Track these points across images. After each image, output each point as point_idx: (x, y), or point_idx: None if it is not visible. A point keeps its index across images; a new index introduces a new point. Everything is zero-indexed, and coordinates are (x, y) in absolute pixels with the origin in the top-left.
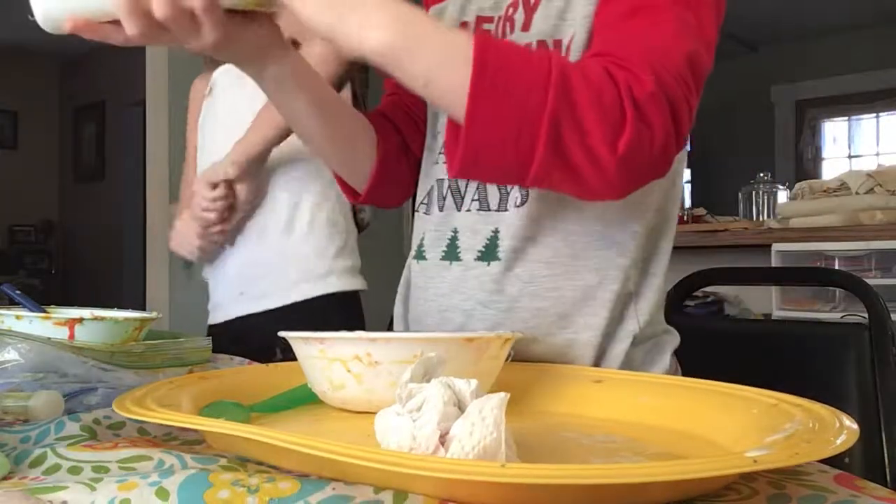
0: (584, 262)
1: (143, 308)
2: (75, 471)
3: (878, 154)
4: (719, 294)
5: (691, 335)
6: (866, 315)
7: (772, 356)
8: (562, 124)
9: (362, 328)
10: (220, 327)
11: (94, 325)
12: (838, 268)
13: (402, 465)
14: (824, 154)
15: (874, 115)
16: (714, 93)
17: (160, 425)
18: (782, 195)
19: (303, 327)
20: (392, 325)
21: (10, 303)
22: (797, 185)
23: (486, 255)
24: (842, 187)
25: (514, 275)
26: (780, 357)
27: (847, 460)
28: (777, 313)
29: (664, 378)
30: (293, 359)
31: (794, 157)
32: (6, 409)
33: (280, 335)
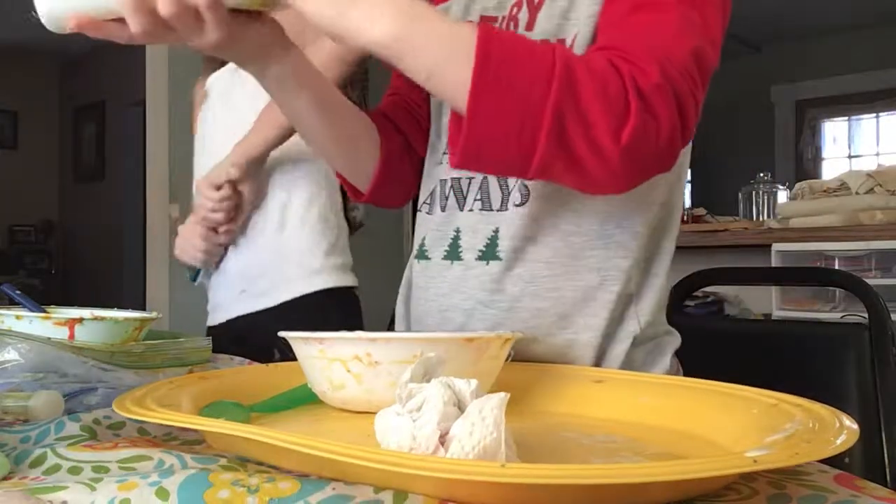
0: (585, 263)
1: (143, 308)
2: (75, 471)
3: (878, 154)
4: (719, 294)
5: (691, 335)
6: (866, 315)
7: (772, 356)
8: (565, 116)
9: (360, 325)
10: (221, 328)
11: (94, 325)
12: (838, 268)
13: (402, 465)
14: (824, 154)
15: (874, 115)
16: (715, 93)
17: (160, 425)
18: (782, 195)
19: (301, 325)
20: (392, 325)
21: (10, 303)
22: (797, 185)
23: (487, 254)
24: (842, 187)
25: (514, 274)
26: (780, 357)
27: (847, 460)
28: (777, 313)
29: (664, 378)
30: (292, 359)
31: (794, 157)
32: (6, 409)
33: (280, 335)
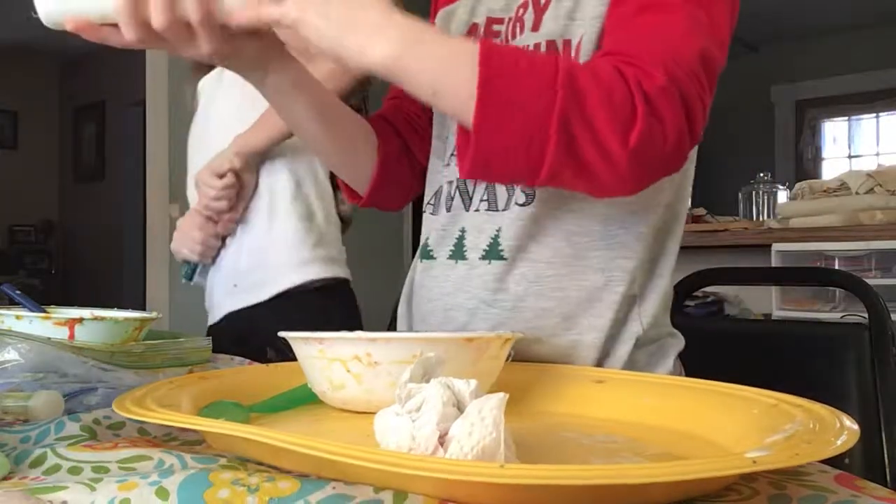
0: (589, 263)
1: (143, 308)
2: (75, 471)
3: (878, 154)
4: (719, 294)
5: (691, 335)
6: (866, 315)
7: (772, 356)
8: (571, 123)
9: (358, 319)
10: (221, 327)
11: (94, 325)
12: (838, 268)
13: (401, 465)
14: (824, 154)
15: (874, 115)
16: (715, 93)
17: (160, 425)
18: (782, 195)
19: (296, 322)
20: (392, 325)
21: (10, 303)
22: (797, 185)
23: (490, 253)
24: (842, 187)
25: (517, 274)
26: (780, 357)
27: (847, 461)
28: (777, 313)
29: (665, 378)
30: (288, 357)
31: (794, 157)
32: (6, 409)
33: (280, 335)
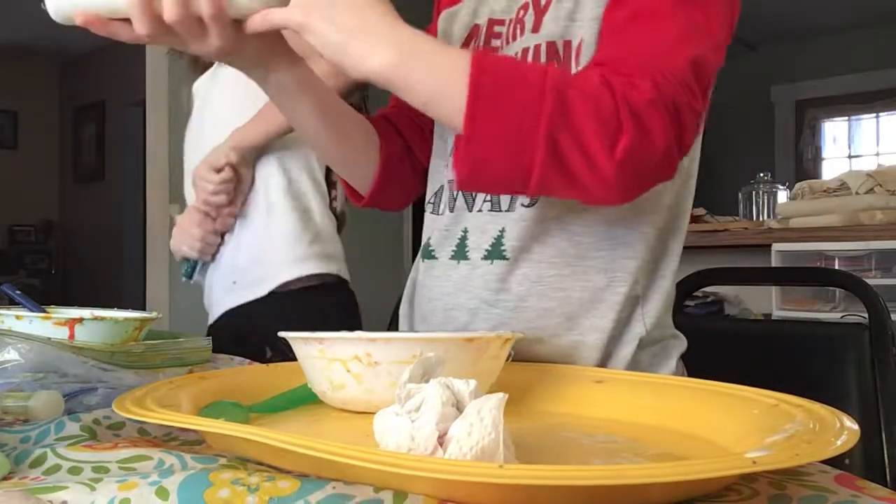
0: (592, 263)
1: (143, 308)
2: (75, 471)
3: (878, 154)
4: (719, 294)
5: (691, 335)
6: (866, 315)
7: (772, 356)
8: (558, 135)
9: (357, 319)
10: (219, 326)
11: (94, 325)
12: (838, 268)
13: (401, 465)
14: (824, 154)
15: (874, 115)
16: (715, 93)
17: (160, 425)
18: (782, 195)
19: (297, 318)
20: (392, 325)
21: (10, 303)
22: (797, 185)
23: (492, 253)
24: (842, 187)
25: (520, 274)
26: (780, 357)
27: (847, 461)
28: (777, 313)
29: (665, 378)
30: (286, 357)
31: (794, 157)
32: (6, 409)
33: (280, 335)
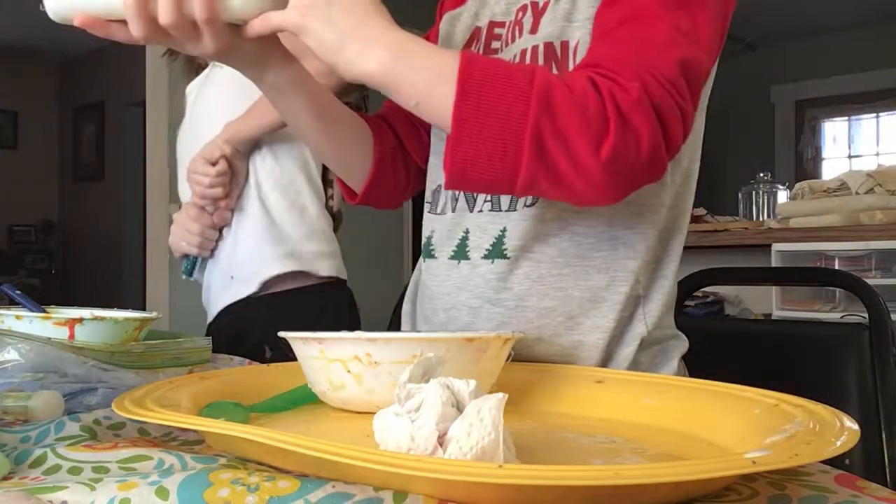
0: (593, 263)
1: (143, 308)
2: (75, 471)
3: (878, 154)
4: (719, 294)
5: (691, 335)
6: (866, 315)
7: (772, 356)
8: (544, 135)
9: (356, 318)
10: (218, 324)
11: (94, 325)
12: (838, 268)
13: (400, 465)
14: (824, 154)
15: (874, 115)
16: (715, 93)
17: (160, 425)
18: (782, 195)
19: (295, 317)
20: (392, 324)
21: (10, 303)
22: (797, 185)
23: (493, 252)
24: (842, 187)
25: (520, 273)
26: (780, 357)
27: (847, 461)
28: (777, 313)
29: (665, 378)
30: (285, 356)
31: (794, 157)
32: (6, 409)
33: (280, 335)
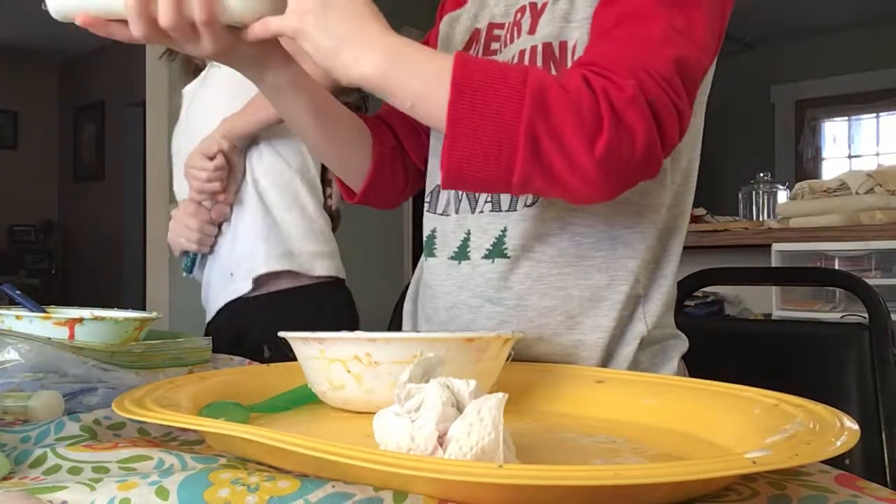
0: (593, 263)
1: (143, 308)
2: (75, 471)
3: (878, 154)
4: (719, 294)
5: (691, 335)
6: (866, 315)
7: (772, 356)
8: (539, 134)
9: (355, 317)
10: (218, 323)
11: (94, 325)
12: (838, 268)
13: (400, 465)
14: (824, 154)
15: (874, 115)
16: (714, 93)
17: (160, 425)
18: (782, 195)
19: (294, 316)
20: (392, 324)
21: (10, 303)
22: (797, 185)
23: (493, 252)
24: (842, 187)
25: (521, 272)
26: (780, 357)
27: (847, 461)
28: (777, 313)
29: (665, 378)
30: (284, 355)
31: (794, 157)
32: (6, 409)
33: (280, 335)
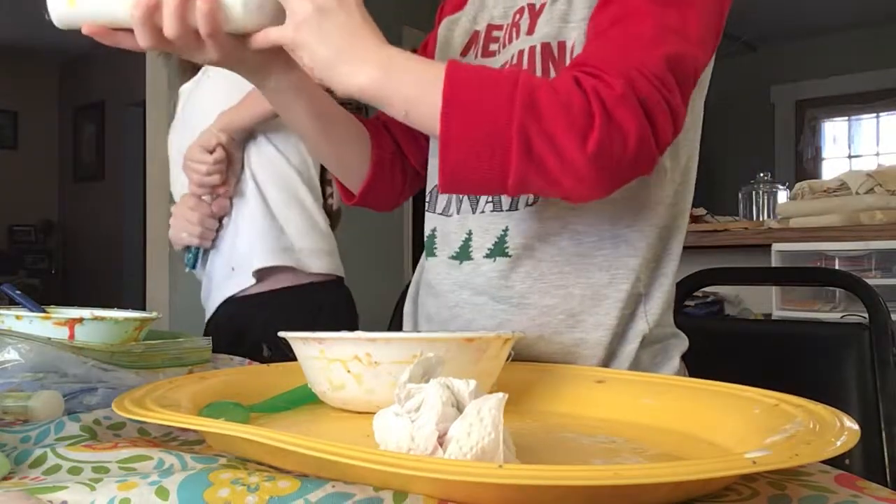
0: (594, 261)
1: (143, 308)
2: (75, 471)
3: (878, 154)
4: (719, 294)
5: (691, 335)
6: (866, 315)
7: (772, 356)
8: (531, 135)
9: (354, 316)
10: (217, 322)
11: (94, 325)
12: (838, 268)
13: (400, 465)
14: (824, 154)
15: (874, 115)
16: (714, 93)
17: (160, 425)
18: (782, 195)
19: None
20: (392, 324)
21: (10, 303)
22: (797, 185)
23: (495, 251)
24: (842, 187)
25: (522, 271)
26: (780, 357)
27: (847, 461)
28: (777, 313)
29: (665, 378)
30: (283, 354)
31: (794, 157)
32: (6, 409)
33: (280, 335)
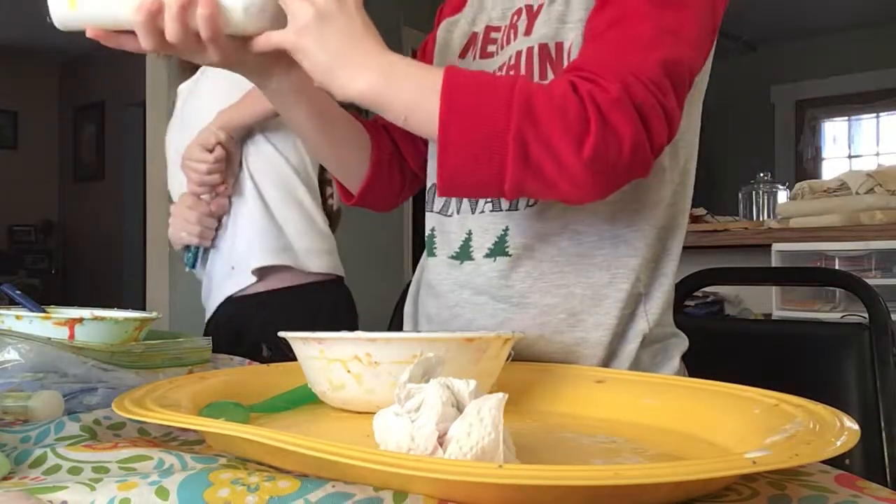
0: (594, 261)
1: (143, 308)
2: (75, 471)
3: (878, 154)
4: (719, 294)
5: (691, 335)
6: (866, 315)
7: (772, 356)
8: (527, 140)
9: (354, 316)
10: (217, 321)
11: (94, 325)
12: (838, 268)
13: (400, 465)
14: (824, 154)
15: (874, 115)
16: (714, 93)
17: (160, 425)
18: (782, 195)
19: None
20: (391, 324)
21: (10, 303)
22: (797, 185)
23: (495, 251)
24: (842, 187)
25: (523, 270)
26: (780, 357)
27: (847, 461)
28: (777, 313)
29: (665, 378)
30: (282, 353)
31: (794, 157)
32: (6, 409)
33: (280, 335)
